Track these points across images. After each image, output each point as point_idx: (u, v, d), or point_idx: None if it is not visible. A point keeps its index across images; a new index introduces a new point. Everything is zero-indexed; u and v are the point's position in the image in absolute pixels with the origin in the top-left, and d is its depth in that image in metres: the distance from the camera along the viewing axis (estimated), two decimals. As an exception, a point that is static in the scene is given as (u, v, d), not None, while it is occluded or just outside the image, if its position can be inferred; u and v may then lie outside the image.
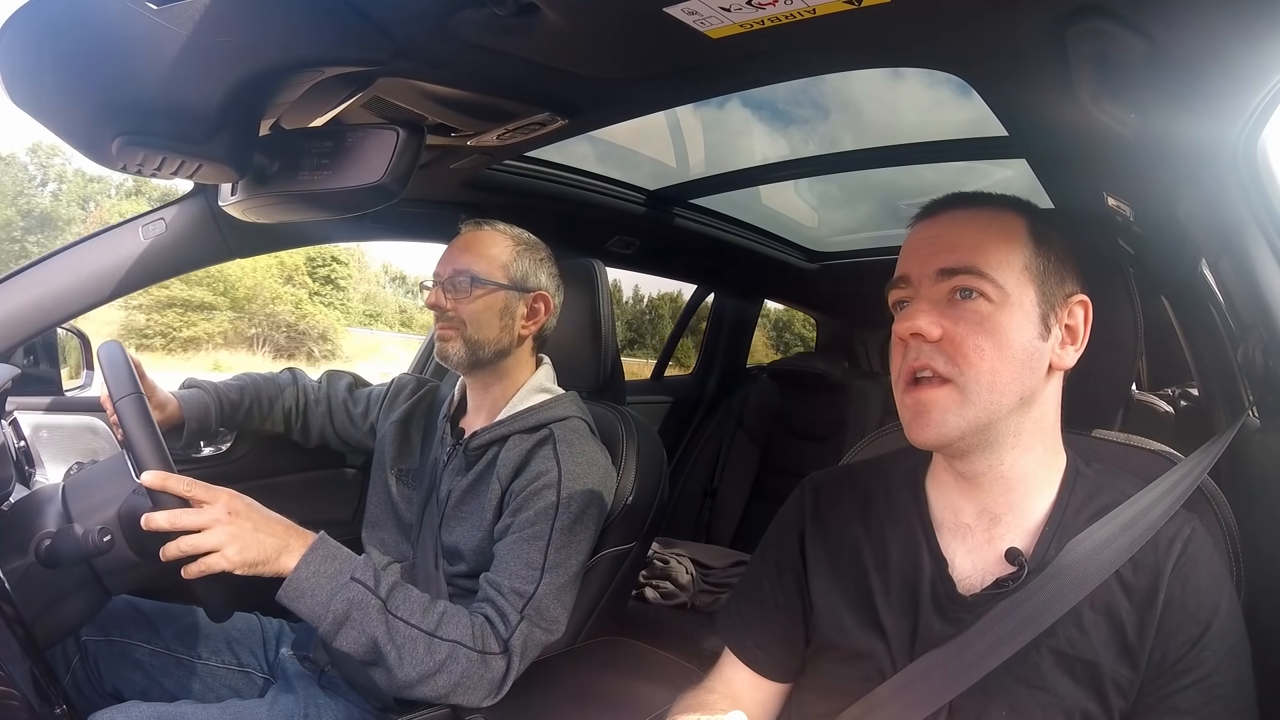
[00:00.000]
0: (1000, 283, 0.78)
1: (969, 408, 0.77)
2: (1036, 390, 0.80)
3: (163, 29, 0.78)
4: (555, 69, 1.01)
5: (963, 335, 0.77)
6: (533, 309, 1.39)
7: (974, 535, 0.83)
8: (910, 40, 0.87)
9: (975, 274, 0.78)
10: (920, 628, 0.82)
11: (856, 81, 1.78)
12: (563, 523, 1.22)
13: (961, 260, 0.79)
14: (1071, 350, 0.82)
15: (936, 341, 0.78)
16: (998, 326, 0.77)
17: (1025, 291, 0.79)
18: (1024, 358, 0.78)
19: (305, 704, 1.23)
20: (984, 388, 0.77)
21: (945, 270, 0.79)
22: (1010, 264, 0.79)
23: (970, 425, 0.77)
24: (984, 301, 0.78)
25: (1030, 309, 0.79)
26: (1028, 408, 0.80)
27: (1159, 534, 0.77)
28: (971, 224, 0.82)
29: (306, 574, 1.05)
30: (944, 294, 0.80)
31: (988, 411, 0.77)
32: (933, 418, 0.78)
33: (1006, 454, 0.81)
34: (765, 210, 2.53)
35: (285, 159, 1.05)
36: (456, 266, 1.35)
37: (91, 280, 1.35)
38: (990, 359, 0.77)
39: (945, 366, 0.77)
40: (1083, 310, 0.82)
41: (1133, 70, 0.76)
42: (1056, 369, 0.81)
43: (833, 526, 0.92)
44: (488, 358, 1.35)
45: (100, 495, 1.03)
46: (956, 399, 0.77)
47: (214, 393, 1.53)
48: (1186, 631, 0.73)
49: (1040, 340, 0.79)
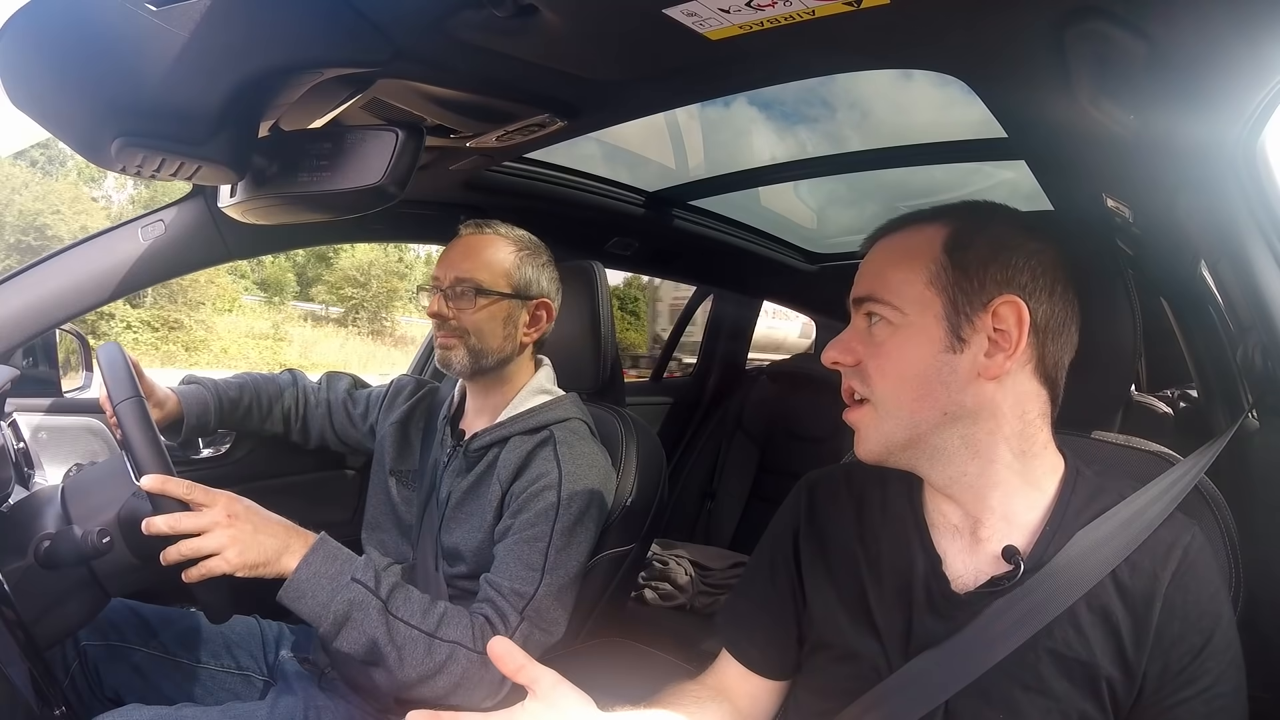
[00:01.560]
0: (897, 305, 0.80)
1: (885, 424, 0.81)
2: (967, 403, 0.78)
3: (162, 30, 0.78)
4: (554, 70, 1.01)
5: (866, 359, 0.82)
6: (535, 316, 1.38)
7: (963, 536, 0.83)
8: (909, 42, 0.87)
9: (872, 300, 0.82)
10: (914, 627, 0.82)
11: (864, 81, 1.78)
12: (563, 524, 1.22)
13: (863, 289, 0.84)
14: (1001, 357, 0.78)
15: (855, 366, 0.83)
16: (895, 347, 0.80)
17: (928, 308, 0.79)
18: (930, 374, 0.78)
19: (305, 706, 1.22)
20: (893, 406, 0.80)
21: (855, 300, 0.85)
22: (910, 283, 0.80)
23: (891, 441, 0.81)
24: (884, 325, 0.81)
25: (932, 324, 0.79)
26: (968, 420, 0.79)
27: (1158, 538, 0.77)
28: (882, 251, 0.85)
29: (307, 574, 1.05)
30: (862, 320, 0.84)
31: (905, 428, 0.80)
32: (859, 435, 0.84)
33: (967, 465, 0.80)
34: (764, 212, 2.53)
35: (284, 160, 1.05)
36: (459, 274, 1.33)
37: (90, 281, 1.35)
38: (892, 379, 0.80)
39: (861, 388, 0.83)
40: (1013, 312, 0.78)
41: (1132, 72, 0.76)
42: (990, 378, 0.78)
43: (828, 526, 0.92)
44: (490, 365, 1.35)
45: (99, 497, 1.03)
46: (874, 417, 0.82)
47: (214, 390, 1.53)
48: (1189, 641, 0.73)
49: (949, 354, 0.78)
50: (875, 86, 1.82)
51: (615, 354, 1.57)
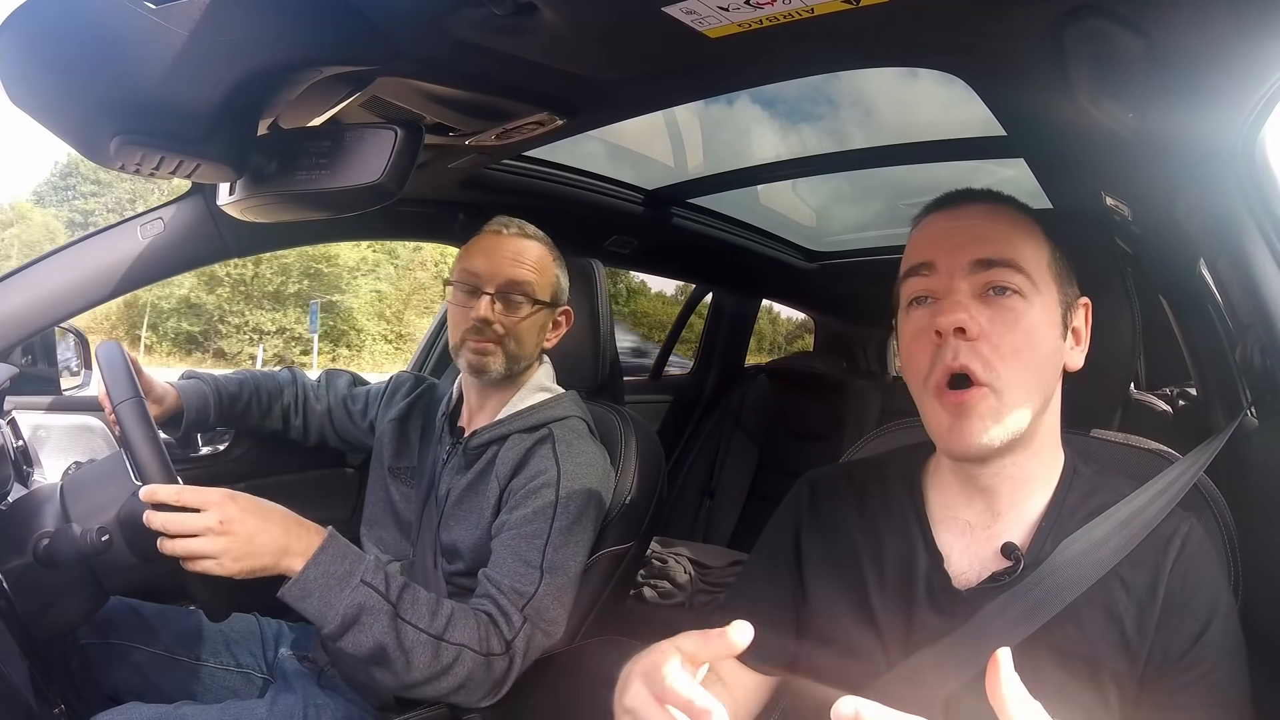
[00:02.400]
0: (1035, 279, 0.76)
1: (1006, 414, 0.73)
2: (1055, 391, 0.80)
3: (161, 28, 0.78)
4: (553, 68, 1.01)
5: (1001, 334, 0.73)
6: (556, 322, 1.40)
7: (973, 532, 0.83)
8: (908, 40, 0.87)
9: (1013, 268, 0.75)
10: (915, 621, 0.82)
11: (869, 79, 1.77)
12: (561, 522, 1.22)
13: (1000, 252, 0.75)
14: (1078, 352, 0.82)
15: (974, 340, 0.73)
16: (1033, 325, 0.75)
17: (1050, 289, 0.78)
18: (1052, 358, 0.78)
19: (305, 704, 1.22)
20: (1020, 391, 0.74)
21: (981, 261, 0.75)
22: (1039, 260, 0.78)
23: (1009, 433, 0.74)
24: (1019, 299, 0.75)
25: (1054, 308, 0.78)
26: (1045, 410, 0.80)
27: (1157, 532, 0.77)
28: (1001, 216, 0.79)
29: (315, 574, 1.04)
30: (977, 288, 0.75)
31: (1022, 417, 0.75)
32: (975, 426, 0.73)
33: (1019, 455, 0.80)
34: (763, 210, 2.53)
35: (283, 158, 1.05)
36: (513, 278, 1.30)
37: (90, 279, 1.35)
38: (1026, 360, 0.74)
39: (983, 370, 0.73)
40: (1085, 311, 0.83)
41: (1131, 70, 0.76)
42: (1071, 369, 0.82)
43: (828, 522, 0.92)
44: (519, 371, 1.36)
45: (99, 496, 1.03)
46: (995, 406, 0.73)
47: (213, 385, 1.53)
48: (1188, 628, 0.73)
49: (1062, 340, 0.79)
50: (879, 84, 1.82)
51: (614, 352, 1.57)
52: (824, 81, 1.84)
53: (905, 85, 1.70)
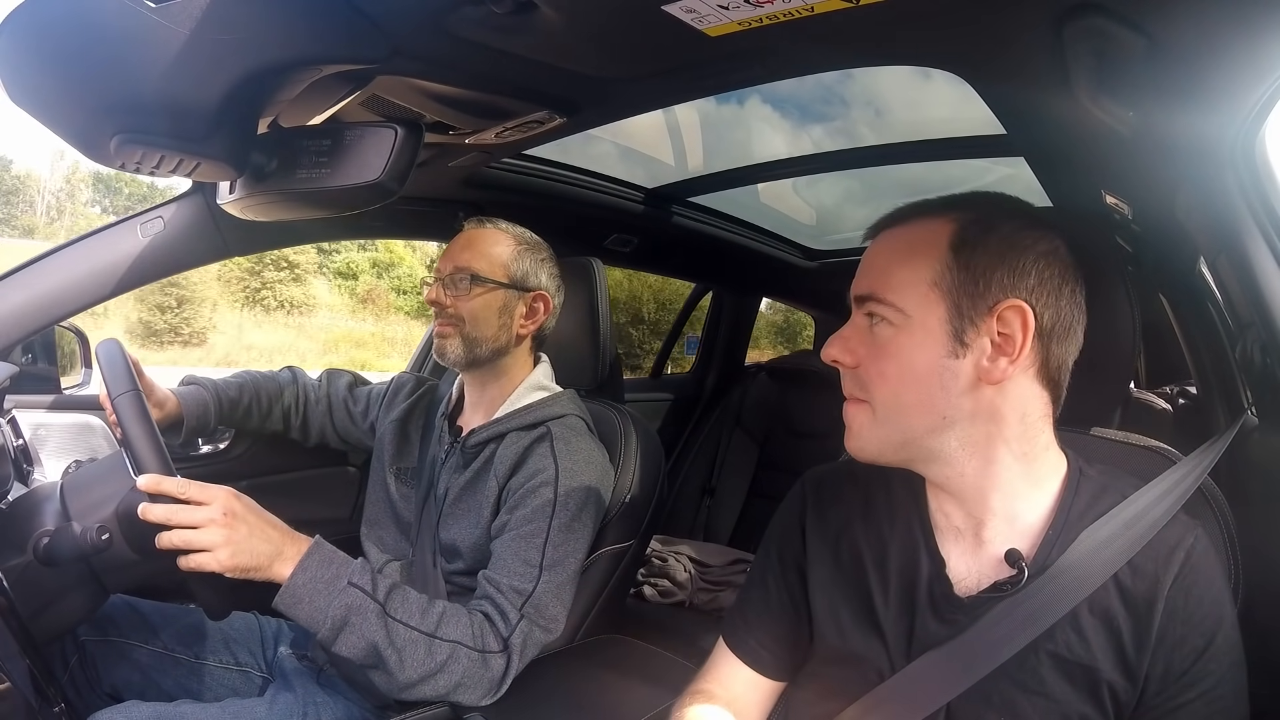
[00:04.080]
0: (899, 306, 0.78)
1: (880, 427, 0.80)
2: (965, 407, 0.77)
3: (161, 27, 0.78)
4: (553, 67, 1.01)
5: (867, 361, 0.80)
6: (532, 308, 1.39)
7: (964, 538, 0.82)
8: (908, 38, 0.87)
9: (874, 299, 0.80)
10: (917, 629, 0.81)
11: (877, 77, 1.76)
12: (560, 520, 1.22)
13: (865, 287, 0.81)
14: (1004, 361, 0.76)
15: (853, 368, 0.81)
16: (898, 350, 0.78)
17: (931, 310, 0.77)
18: (930, 377, 0.77)
19: (304, 702, 1.23)
20: (891, 410, 0.79)
21: (857, 298, 0.83)
22: (914, 283, 0.77)
23: (886, 443, 0.81)
24: (886, 325, 0.79)
25: (935, 327, 0.76)
26: (965, 424, 0.78)
27: (1160, 540, 0.76)
28: (886, 246, 0.83)
29: (303, 580, 1.05)
30: (863, 319, 0.82)
31: (900, 431, 0.79)
32: (852, 433, 0.83)
33: (965, 465, 0.79)
34: (764, 208, 2.53)
35: (283, 157, 1.05)
36: (457, 264, 1.36)
37: (90, 278, 1.35)
38: (892, 383, 0.78)
39: (859, 390, 0.82)
40: (1018, 316, 0.75)
41: (1131, 68, 0.76)
42: (991, 383, 0.76)
43: (834, 522, 0.91)
44: (485, 355, 1.36)
45: (98, 493, 1.03)
46: (870, 418, 0.81)
47: (213, 390, 1.53)
48: (1191, 644, 0.72)
49: (950, 359, 0.76)
50: (888, 83, 1.81)
51: (614, 351, 1.57)
52: (832, 79, 1.83)
53: (915, 84, 1.69)
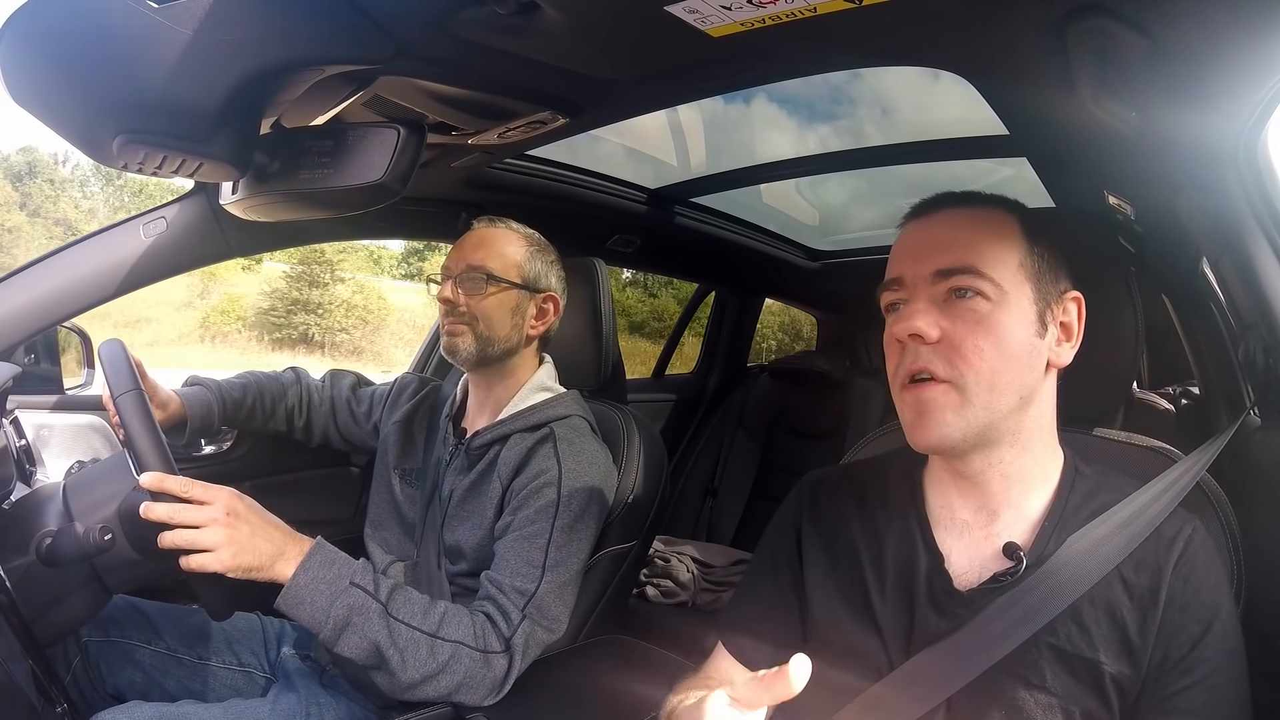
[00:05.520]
0: (998, 280, 0.77)
1: (969, 409, 0.76)
2: (1035, 388, 0.79)
3: (164, 27, 0.78)
4: (556, 68, 1.01)
5: (961, 336, 0.76)
6: (542, 310, 1.39)
7: (971, 532, 0.83)
8: (911, 39, 0.87)
9: (972, 273, 0.77)
10: (916, 624, 0.81)
11: (883, 77, 1.76)
12: (563, 521, 1.22)
13: (958, 260, 0.78)
14: (1068, 348, 0.81)
15: (934, 343, 0.77)
16: (997, 325, 0.77)
17: (1022, 289, 0.78)
18: (1023, 356, 0.77)
19: (307, 703, 1.23)
20: (984, 388, 0.76)
21: (941, 271, 0.78)
22: (1006, 261, 0.78)
23: (971, 427, 0.77)
24: (981, 300, 0.77)
25: (1027, 306, 0.78)
26: (1027, 406, 0.79)
27: (1160, 533, 0.77)
28: (965, 222, 0.81)
29: (305, 580, 1.05)
30: (940, 294, 0.79)
31: (988, 412, 0.77)
32: (933, 419, 0.77)
33: (1006, 452, 0.80)
34: (766, 209, 2.53)
35: (286, 157, 1.05)
36: (471, 262, 1.35)
37: (92, 279, 1.35)
38: (990, 359, 0.76)
39: (944, 369, 0.76)
40: (1076, 306, 0.82)
41: (1133, 68, 0.76)
42: (1053, 366, 0.81)
43: (829, 523, 0.92)
44: (496, 355, 1.35)
45: (101, 493, 1.03)
46: (956, 400, 0.76)
47: (216, 391, 1.53)
48: (1188, 631, 0.73)
49: (1038, 338, 0.79)
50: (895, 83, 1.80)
51: (617, 351, 1.57)
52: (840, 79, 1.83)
53: (924, 84, 1.69)
